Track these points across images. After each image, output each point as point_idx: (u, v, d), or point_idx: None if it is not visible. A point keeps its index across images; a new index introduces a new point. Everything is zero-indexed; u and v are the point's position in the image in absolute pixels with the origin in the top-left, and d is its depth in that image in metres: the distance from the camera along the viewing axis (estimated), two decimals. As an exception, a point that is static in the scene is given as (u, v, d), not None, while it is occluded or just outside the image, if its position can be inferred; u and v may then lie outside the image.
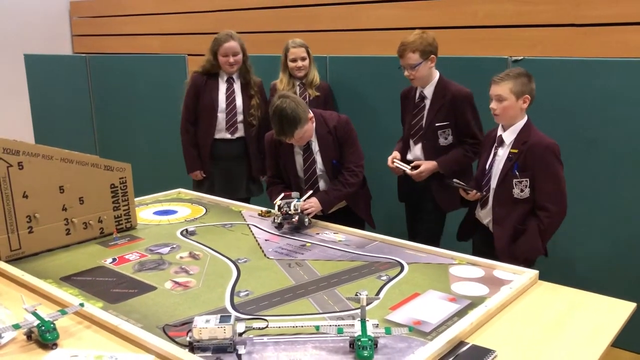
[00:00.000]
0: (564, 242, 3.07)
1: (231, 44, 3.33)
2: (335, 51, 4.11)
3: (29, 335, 1.57)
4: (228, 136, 3.44)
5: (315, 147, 2.73)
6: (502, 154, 2.42)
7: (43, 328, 1.53)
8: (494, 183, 2.44)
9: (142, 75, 4.86)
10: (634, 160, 2.84)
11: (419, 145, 2.89)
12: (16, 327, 1.54)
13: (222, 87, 3.42)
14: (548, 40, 3.60)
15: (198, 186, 3.46)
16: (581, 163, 2.96)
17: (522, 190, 2.35)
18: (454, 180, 2.53)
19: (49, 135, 5.59)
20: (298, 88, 3.41)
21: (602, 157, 2.91)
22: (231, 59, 3.34)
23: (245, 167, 3.51)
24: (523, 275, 1.94)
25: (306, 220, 2.48)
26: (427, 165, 2.82)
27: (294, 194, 2.56)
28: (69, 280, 1.96)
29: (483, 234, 2.54)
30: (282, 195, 2.54)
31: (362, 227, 2.64)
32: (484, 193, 2.48)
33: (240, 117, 3.43)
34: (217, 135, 3.43)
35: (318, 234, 2.43)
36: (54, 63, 5.67)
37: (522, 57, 3.05)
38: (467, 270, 2.02)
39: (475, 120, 2.82)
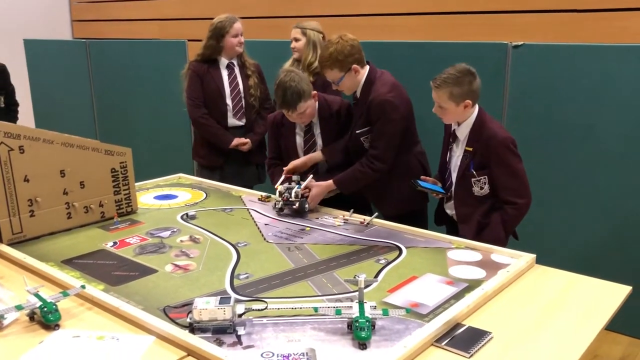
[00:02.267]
0: (561, 226, 3.10)
1: (239, 24, 3.36)
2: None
3: (31, 317, 1.59)
4: (237, 122, 3.44)
5: (317, 129, 2.73)
6: (458, 151, 2.35)
7: (45, 309, 1.55)
8: (454, 180, 2.39)
9: (141, 61, 4.85)
10: (632, 145, 2.85)
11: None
12: (19, 308, 1.56)
13: (224, 74, 3.42)
14: (548, 26, 3.60)
15: (210, 177, 3.45)
16: (579, 148, 2.98)
17: (481, 188, 2.30)
18: (419, 183, 2.43)
19: (49, 119, 5.59)
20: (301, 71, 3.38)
21: (601, 142, 2.92)
22: (242, 39, 3.37)
23: (253, 155, 3.51)
24: (520, 259, 1.95)
25: (306, 206, 2.49)
26: (317, 190, 2.54)
27: (295, 177, 2.56)
28: (70, 263, 1.97)
29: (451, 223, 2.49)
30: (283, 178, 2.55)
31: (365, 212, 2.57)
32: (448, 194, 2.43)
33: (244, 102, 3.44)
34: (228, 124, 3.43)
35: (317, 218, 2.44)
36: (53, 48, 5.65)
37: (522, 43, 3.05)
38: (465, 254, 2.04)
39: (381, 134, 2.52)
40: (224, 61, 3.42)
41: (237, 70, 3.45)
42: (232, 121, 3.44)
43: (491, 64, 3.09)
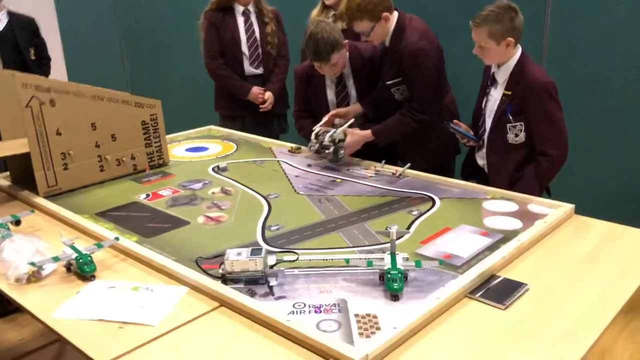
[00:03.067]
0: (602, 174, 3.01)
1: None
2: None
3: (68, 268, 1.62)
4: (254, 71, 3.40)
5: (349, 80, 2.66)
6: (496, 95, 2.26)
7: (81, 261, 1.58)
8: (488, 126, 2.30)
9: (169, 12, 4.79)
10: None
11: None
12: (56, 259, 1.59)
13: (241, 22, 3.35)
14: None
15: (232, 127, 3.44)
16: (622, 93, 2.85)
17: (516, 135, 2.20)
18: (451, 124, 2.35)
19: (80, 73, 5.62)
20: (331, 19, 3.28)
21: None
22: None
23: (275, 105, 3.46)
24: (558, 209, 1.90)
25: (341, 152, 2.44)
26: (354, 137, 2.48)
27: (338, 120, 2.53)
28: (104, 215, 2.00)
29: (482, 175, 2.40)
30: (326, 120, 2.52)
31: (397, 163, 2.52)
32: (480, 142, 2.35)
33: (261, 50, 3.37)
34: (245, 73, 3.38)
35: (348, 169, 2.41)
36: (82, 1, 5.63)
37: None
38: (500, 204, 1.99)
39: (417, 84, 2.45)
40: (239, 8, 3.35)
41: (253, 18, 3.37)
42: (249, 69, 3.39)
43: (530, 6, 2.94)
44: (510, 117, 2.20)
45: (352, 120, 2.55)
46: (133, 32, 5.22)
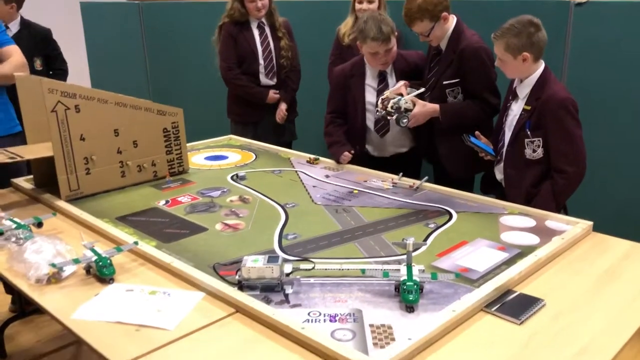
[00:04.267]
0: (622, 193, 2.97)
1: None
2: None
3: (87, 270, 1.65)
4: (268, 82, 3.47)
5: (391, 80, 2.69)
6: (516, 109, 2.26)
7: (100, 263, 1.60)
8: (507, 140, 2.30)
9: (193, 22, 4.87)
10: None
11: None
12: (76, 261, 1.62)
13: (256, 34, 3.43)
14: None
15: (244, 133, 3.49)
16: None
17: (534, 151, 2.19)
18: (470, 138, 2.34)
19: (104, 80, 5.72)
20: None
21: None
22: (259, 4, 3.33)
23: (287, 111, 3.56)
24: (576, 226, 1.88)
25: (403, 120, 2.44)
26: (422, 109, 2.48)
27: (410, 89, 2.54)
28: (124, 220, 2.03)
29: (501, 190, 2.40)
30: (401, 84, 2.55)
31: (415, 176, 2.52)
32: (498, 158, 2.35)
33: (275, 62, 3.45)
34: (261, 84, 3.46)
35: (366, 181, 2.42)
36: (108, 10, 5.74)
37: (585, 0, 2.89)
38: (518, 220, 1.98)
39: (483, 80, 2.51)
40: (254, 22, 3.43)
41: (267, 30, 3.45)
42: (264, 80, 3.48)
43: (552, 23, 2.93)
44: (529, 132, 2.19)
45: (422, 90, 2.55)
46: (157, 45, 5.30)
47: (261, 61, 3.43)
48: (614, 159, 2.94)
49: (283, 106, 3.51)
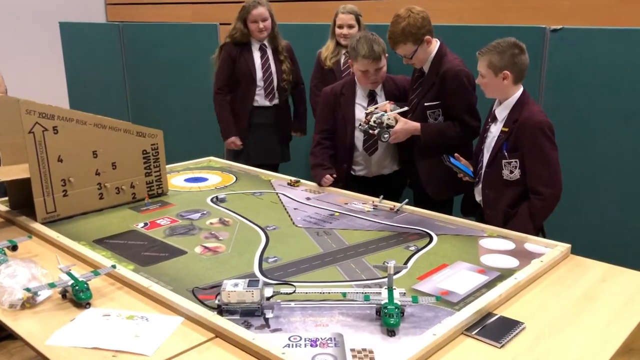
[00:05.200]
0: (599, 217, 3.02)
1: (260, 10, 3.34)
2: (372, 19, 4.03)
3: (63, 294, 1.62)
4: (266, 103, 3.48)
5: (381, 102, 2.73)
6: (495, 131, 2.29)
7: (77, 288, 1.57)
8: (485, 161, 2.33)
9: (174, 44, 4.87)
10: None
11: None
12: (52, 285, 1.59)
13: (257, 56, 3.44)
14: (588, 9, 3.48)
15: (235, 157, 3.48)
16: (620, 138, 2.88)
17: (511, 172, 2.22)
18: (449, 158, 2.39)
19: (83, 101, 5.67)
20: (343, 57, 3.32)
21: (642, 131, 2.82)
22: (261, 25, 3.35)
23: (279, 134, 3.57)
24: (555, 248, 1.90)
25: (385, 136, 2.50)
26: (404, 126, 2.55)
27: (392, 106, 2.61)
28: (101, 242, 2.00)
29: (480, 212, 2.41)
30: (385, 103, 2.63)
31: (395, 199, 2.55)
32: (476, 179, 2.38)
33: (276, 84, 3.46)
34: (255, 104, 3.46)
35: (347, 203, 2.42)
36: (88, 31, 5.71)
37: (560, 27, 2.96)
38: (497, 242, 2.00)
39: (464, 103, 2.54)
40: (255, 44, 3.44)
41: (269, 53, 3.46)
42: (261, 101, 3.48)
43: (528, 49, 2.98)
44: (506, 153, 2.22)
45: (406, 108, 2.62)
46: (137, 65, 5.29)
47: (260, 83, 3.44)
48: (589, 181, 2.99)
49: (239, 144, 3.52)
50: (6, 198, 2.39)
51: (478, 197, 2.41)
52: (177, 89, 4.94)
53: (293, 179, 2.73)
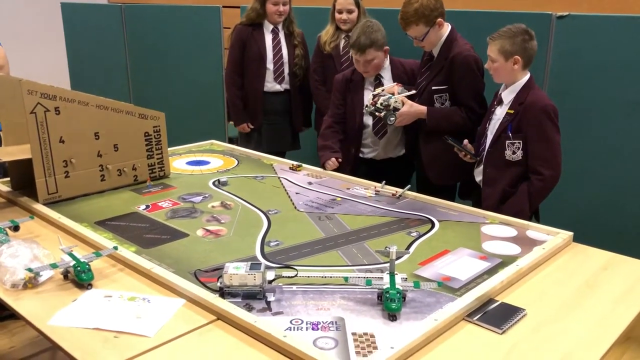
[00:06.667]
0: (601, 204, 3.01)
1: None
2: (373, 3, 3.98)
3: (65, 275, 1.62)
4: (277, 88, 3.48)
5: (386, 84, 2.74)
6: (500, 113, 2.33)
7: (79, 268, 1.57)
8: (488, 142, 2.36)
9: (176, 26, 4.83)
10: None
11: None
12: (54, 266, 1.59)
13: (268, 38, 3.44)
14: (595, -4, 3.45)
15: (246, 141, 3.49)
16: (624, 125, 2.87)
17: (514, 152, 2.26)
18: (450, 137, 2.41)
19: (84, 82, 5.65)
20: (342, 41, 3.30)
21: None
22: (281, 8, 3.36)
23: (289, 121, 3.57)
24: (557, 236, 1.90)
25: (391, 118, 2.51)
26: (410, 109, 2.57)
27: (399, 88, 2.62)
28: (103, 224, 2.00)
29: (479, 194, 2.43)
30: (394, 85, 2.65)
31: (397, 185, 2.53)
32: (477, 158, 2.40)
33: (287, 68, 3.45)
34: (266, 88, 3.46)
35: (349, 189, 2.42)
36: (89, 12, 5.67)
37: (567, 13, 2.93)
38: (499, 229, 2.00)
39: (471, 89, 2.55)
40: (268, 26, 3.43)
41: (281, 36, 3.45)
42: (271, 85, 3.47)
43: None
44: (510, 134, 2.26)
45: (413, 92, 2.62)
46: (139, 47, 5.26)
47: (269, 65, 3.43)
48: (592, 168, 2.98)
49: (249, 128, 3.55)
50: (8, 179, 2.38)
51: (478, 178, 2.43)
52: (180, 71, 4.91)
53: (295, 163, 2.72)
